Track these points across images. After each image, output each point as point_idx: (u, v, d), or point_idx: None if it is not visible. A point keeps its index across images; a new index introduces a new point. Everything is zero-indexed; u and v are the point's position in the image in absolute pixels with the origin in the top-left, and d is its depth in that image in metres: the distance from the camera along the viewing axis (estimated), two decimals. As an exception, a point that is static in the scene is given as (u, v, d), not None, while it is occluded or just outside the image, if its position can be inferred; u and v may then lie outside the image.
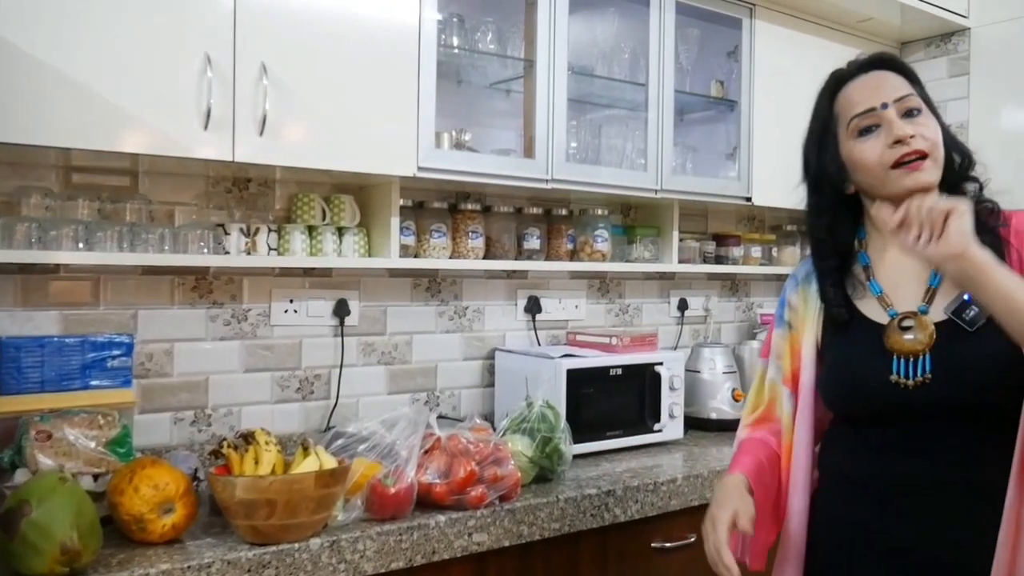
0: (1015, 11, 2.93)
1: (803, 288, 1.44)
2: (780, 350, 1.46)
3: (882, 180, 1.28)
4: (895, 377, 1.25)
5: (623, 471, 2.12)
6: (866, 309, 1.34)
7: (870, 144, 1.28)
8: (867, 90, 1.31)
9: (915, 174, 1.25)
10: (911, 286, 1.31)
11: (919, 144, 1.24)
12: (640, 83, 2.46)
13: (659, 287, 2.93)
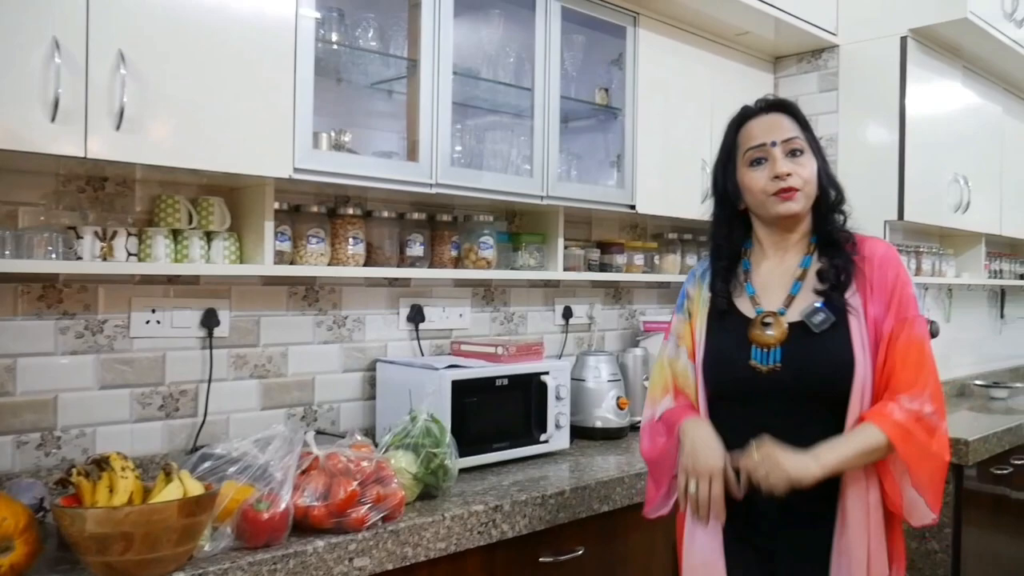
0: (879, 31, 3.07)
1: (699, 283, 1.72)
2: (680, 332, 1.72)
3: (763, 204, 1.58)
4: (753, 362, 1.56)
5: (510, 484, 2.06)
6: (741, 305, 1.64)
7: (758, 174, 1.58)
8: (763, 128, 1.59)
9: (787, 203, 1.56)
10: (777, 291, 1.62)
11: (793, 181, 1.54)
12: (526, 88, 2.41)
13: (544, 295, 2.90)
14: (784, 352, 1.54)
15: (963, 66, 3.38)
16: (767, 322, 1.57)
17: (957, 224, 3.40)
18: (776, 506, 1.50)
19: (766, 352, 1.55)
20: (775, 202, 1.56)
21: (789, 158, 1.56)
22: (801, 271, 1.61)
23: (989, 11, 3.06)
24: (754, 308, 1.61)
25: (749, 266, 1.66)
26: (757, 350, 1.56)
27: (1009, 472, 3.17)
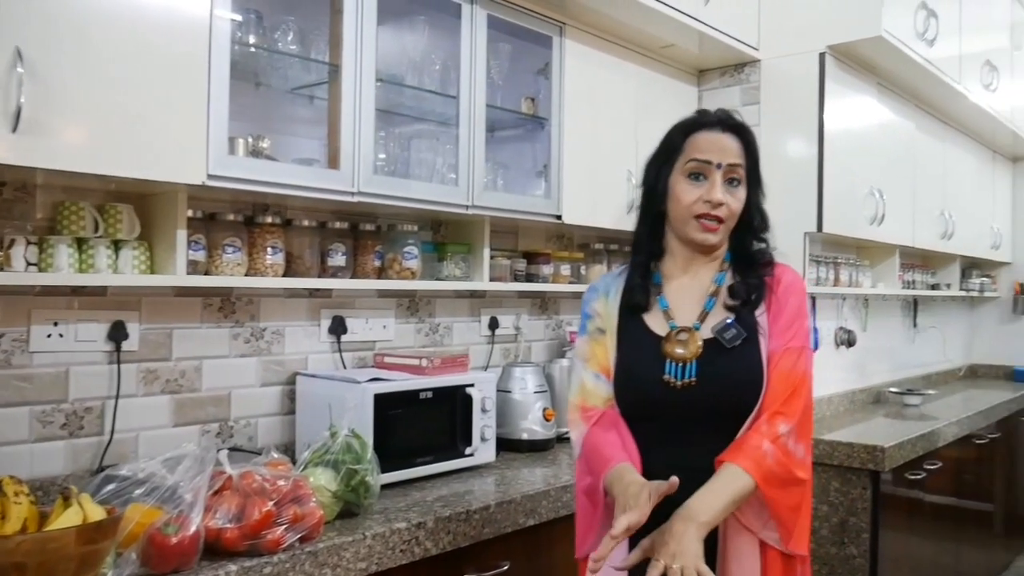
0: (798, 47, 3.14)
1: (604, 299, 1.65)
2: (590, 352, 1.64)
3: (684, 221, 1.55)
4: (667, 377, 1.52)
5: (434, 500, 2.02)
6: (652, 321, 1.59)
7: (692, 188, 1.53)
8: (713, 145, 1.54)
9: (706, 234, 1.54)
10: (691, 307, 1.59)
11: (721, 212, 1.51)
12: (451, 96, 2.38)
13: (470, 305, 2.86)
14: (699, 367, 1.51)
15: (878, 83, 3.48)
16: (682, 338, 1.54)
17: (873, 236, 3.50)
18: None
19: (681, 367, 1.52)
20: (696, 227, 1.53)
21: (726, 185, 1.52)
22: (715, 287, 1.59)
23: (903, 30, 3.16)
24: (667, 323, 1.57)
25: (660, 280, 1.61)
26: (672, 365, 1.53)
27: (923, 477, 3.27)
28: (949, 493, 3.68)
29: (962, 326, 5.54)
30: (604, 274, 1.71)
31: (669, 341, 1.54)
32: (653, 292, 1.60)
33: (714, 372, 1.50)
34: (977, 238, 4.87)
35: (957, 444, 3.65)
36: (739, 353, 1.51)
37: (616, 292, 1.64)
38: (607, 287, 1.66)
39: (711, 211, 1.51)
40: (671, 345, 1.54)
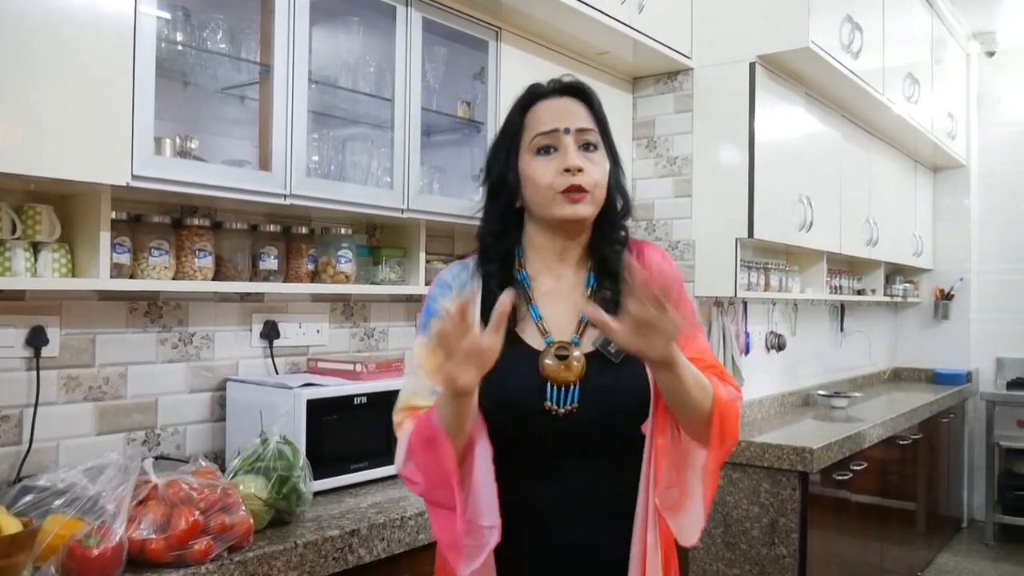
0: (729, 56, 3.20)
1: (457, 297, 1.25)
2: (426, 360, 1.31)
3: (547, 203, 1.33)
4: (548, 404, 1.29)
5: (369, 507, 1.99)
6: (525, 332, 1.35)
7: (545, 164, 1.33)
8: (556, 112, 1.36)
9: (574, 206, 1.32)
10: (567, 317, 1.36)
11: (583, 180, 1.31)
12: (386, 98, 2.36)
13: (406, 309, 2.84)
14: (581, 390, 1.29)
15: (806, 93, 3.58)
16: (561, 354, 1.30)
17: (802, 242, 3.59)
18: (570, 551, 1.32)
19: (563, 390, 1.29)
20: (562, 202, 1.31)
21: (582, 151, 1.33)
22: (590, 291, 1.37)
23: (829, 42, 3.25)
24: (543, 337, 1.33)
25: (529, 282, 1.38)
26: (552, 389, 1.29)
27: (849, 477, 3.35)
28: (874, 493, 3.79)
29: (886, 330, 5.72)
30: (449, 267, 1.46)
31: (547, 358, 1.30)
32: (522, 300, 1.35)
33: (598, 394, 1.29)
34: (900, 245, 5.03)
35: (882, 445, 3.77)
36: (624, 367, 1.30)
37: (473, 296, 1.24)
38: (459, 285, 1.39)
39: (572, 180, 1.30)
40: (551, 364, 1.30)
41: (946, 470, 5.12)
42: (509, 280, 1.35)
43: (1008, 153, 5.62)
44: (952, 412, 5.14)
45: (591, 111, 1.39)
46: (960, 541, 5.28)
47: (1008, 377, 5.49)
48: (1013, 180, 5.60)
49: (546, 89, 1.41)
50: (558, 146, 1.33)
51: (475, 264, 1.41)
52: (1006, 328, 5.60)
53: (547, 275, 1.39)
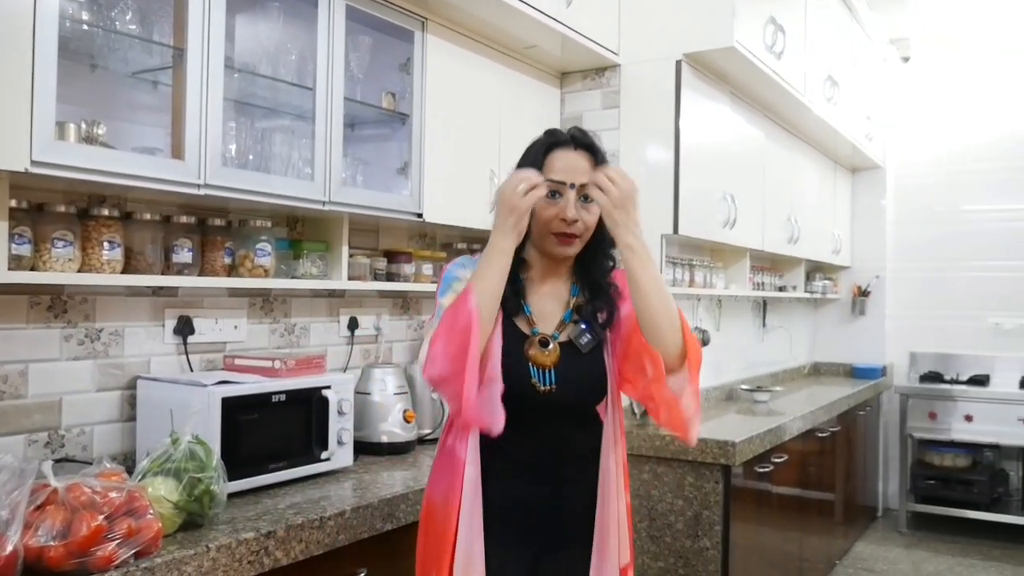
0: (656, 54, 3.22)
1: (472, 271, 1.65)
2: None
3: (543, 236, 1.68)
4: (534, 381, 1.66)
5: (287, 507, 1.93)
6: (518, 320, 1.71)
7: (550, 207, 1.64)
8: (568, 165, 1.65)
9: (563, 247, 1.67)
10: (551, 316, 1.73)
11: (576, 228, 1.65)
12: (308, 87, 2.29)
13: (328, 305, 2.77)
14: (558, 373, 1.66)
15: (731, 92, 3.63)
16: (543, 342, 1.68)
17: (726, 239, 3.64)
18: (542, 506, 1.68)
19: (543, 372, 1.66)
20: (554, 242, 1.67)
21: (580, 201, 1.64)
22: (572, 299, 1.75)
23: (753, 42, 3.30)
24: (530, 328, 1.70)
25: (522, 284, 1.73)
26: (535, 369, 1.66)
27: (770, 470, 3.42)
28: (794, 484, 3.88)
29: (806, 326, 5.87)
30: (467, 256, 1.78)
31: (532, 346, 1.67)
32: (519, 297, 1.71)
33: (570, 376, 1.67)
34: (820, 243, 5.16)
35: (802, 438, 3.85)
36: (592, 358, 1.70)
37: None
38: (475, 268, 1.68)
39: (566, 228, 1.64)
40: (534, 350, 1.67)
41: (862, 461, 5.28)
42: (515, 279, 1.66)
43: (921, 155, 5.82)
44: (868, 405, 5.30)
45: (596, 164, 1.67)
46: (876, 530, 5.45)
47: (921, 371, 5.69)
48: (926, 182, 5.80)
49: (565, 138, 1.69)
50: (563, 193, 1.63)
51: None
52: (918, 324, 5.80)
53: (540, 282, 1.75)
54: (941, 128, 5.76)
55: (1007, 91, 5.55)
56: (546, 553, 1.69)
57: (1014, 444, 5.19)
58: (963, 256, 5.67)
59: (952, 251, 5.71)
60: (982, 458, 5.35)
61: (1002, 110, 5.57)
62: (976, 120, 5.65)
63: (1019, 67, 5.52)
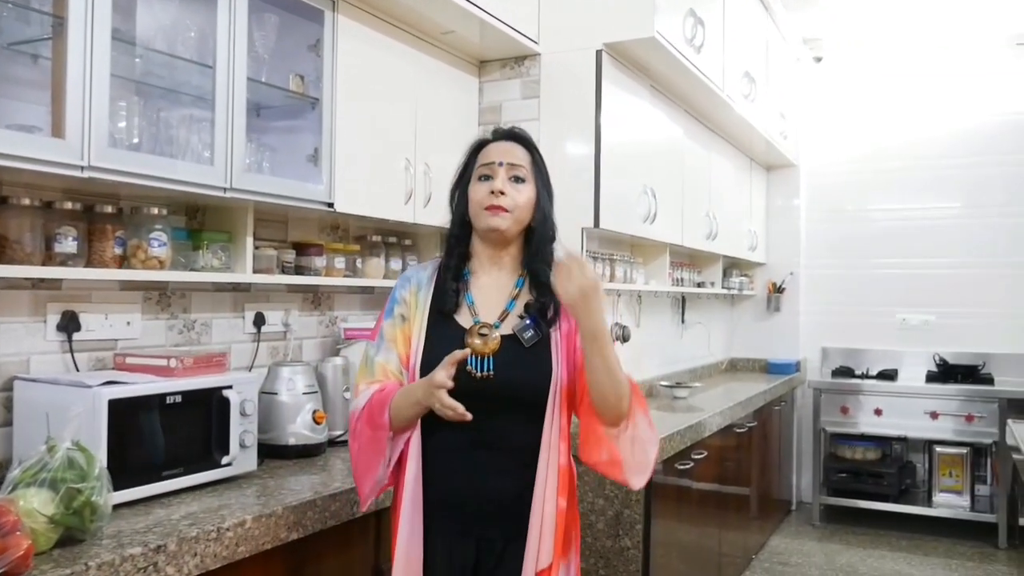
0: (576, 43, 3.15)
1: (416, 289, 1.81)
2: (392, 337, 1.78)
3: (477, 215, 1.75)
4: (469, 368, 1.67)
5: (181, 518, 1.78)
6: (459, 315, 1.76)
7: (481, 187, 1.74)
8: (497, 151, 1.77)
9: (493, 218, 1.72)
10: (494, 305, 1.77)
11: (504, 201, 1.71)
12: (208, 66, 2.13)
13: (232, 300, 2.61)
14: (496, 362, 1.69)
15: (651, 85, 3.59)
16: (483, 332, 1.71)
17: (646, 234, 3.60)
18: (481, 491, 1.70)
19: (480, 360, 1.69)
20: (485, 215, 1.72)
21: (511, 182, 1.73)
22: (516, 290, 1.78)
23: (674, 34, 3.27)
24: (472, 317, 1.75)
25: (469, 276, 1.80)
26: (473, 357, 1.68)
27: (691, 467, 3.40)
28: (713, 480, 3.88)
29: (723, 322, 5.93)
30: (414, 266, 1.90)
31: (471, 335, 1.71)
32: (461, 289, 1.77)
33: (509, 367, 1.69)
34: (737, 240, 5.21)
35: (720, 434, 3.85)
36: (533, 352, 1.72)
37: (427, 287, 1.79)
38: (419, 280, 1.82)
39: (495, 201, 1.71)
40: (474, 339, 1.70)
41: (777, 456, 5.36)
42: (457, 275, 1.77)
43: (832, 155, 5.95)
44: (783, 400, 5.37)
45: (528, 152, 1.78)
46: (790, 523, 5.53)
47: (832, 366, 5.82)
48: (836, 180, 5.93)
49: (498, 134, 1.82)
50: (492, 175, 1.73)
51: (434, 266, 1.84)
52: (830, 320, 5.92)
53: (484, 274, 1.80)
54: (850, 128, 5.89)
55: (913, 94, 5.72)
56: (485, 543, 1.72)
57: (920, 437, 5.34)
58: (871, 254, 5.82)
59: (861, 249, 5.85)
60: (891, 451, 5.49)
61: (908, 112, 5.73)
62: (883, 121, 5.80)
63: (925, 70, 5.69)
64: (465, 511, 1.71)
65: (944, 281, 5.62)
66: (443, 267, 1.81)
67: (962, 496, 5.25)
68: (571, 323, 1.73)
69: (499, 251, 1.78)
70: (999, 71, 5.50)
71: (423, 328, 1.75)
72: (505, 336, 1.71)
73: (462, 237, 1.81)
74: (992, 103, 5.53)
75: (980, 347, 5.49)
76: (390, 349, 1.77)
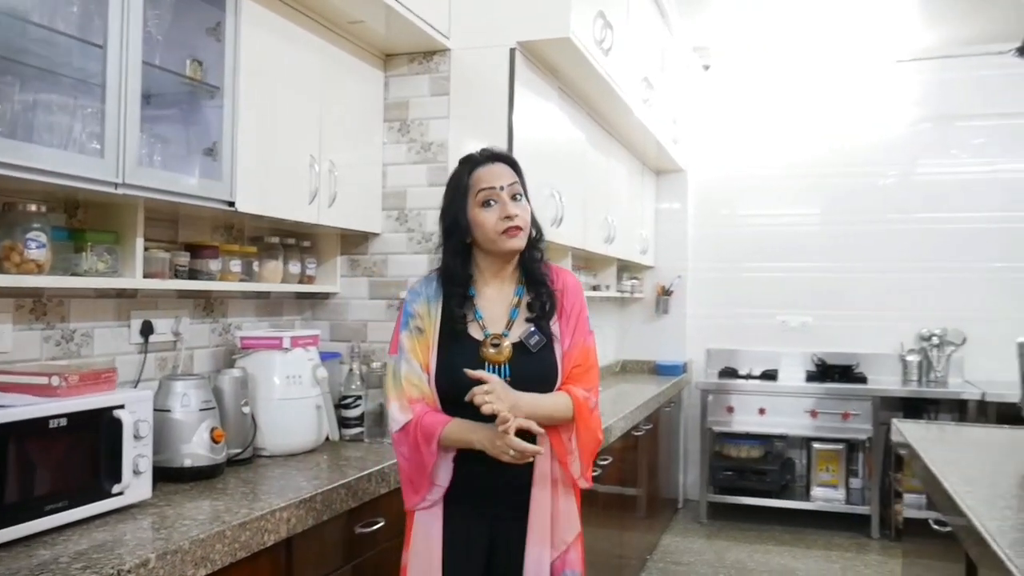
0: (489, 40, 3.04)
1: (426, 303, 1.97)
2: (411, 348, 1.95)
3: (493, 240, 1.91)
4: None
5: (71, 560, 1.55)
6: (470, 328, 1.94)
7: (489, 213, 1.90)
8: (493, 175, 1.93)
9: (513, 240, 1.90)
10: (499, 316, 1.96)
11: (519, 221, 1.90)
12: (96, 44, 1.90)
13: (116, 307, 2.36)
14: (511, 367, 1.89)
15: (559, 87, 3.53)
16: (495, 343, 1.90)
17: (553, 237, 3.49)
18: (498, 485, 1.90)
19: (497, 368, 1.88)
20: (504, 239, 1.89)
21: (513, 201, 1.91)
22: (517, 299, 1.97)
23: (585, 35, 3.21)
24: (482, 331, 1.92)
25: (475, 293, 1.96)
26: (488, 366, 1.88)
27: (599, 473, 3.35)
28: (615, 483, 3.86)
29: (615, 325, 5.97)
30: (421, 280, 2.04)
31: (486, 346, 1.90)
32: (468, 306, 1.94)
33: (522, 372, 1.88)
34: (630, 243, 5.24)
35: (623, 438, 3.84)
36: (540, 356, 1.92)
37: (436, 300, 1.96)
38: (428, 294, 1.98)
39: (511, 224, 1.88)
40: (488, 350, 1.89)
41: (667, 456, 5.43)
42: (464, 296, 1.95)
43: (717, 161, 6.10)
44: (672, 402, 5.45)
45: (514, 171, 1.97)
46: (678, 522, 5.63)
47: (717, 367, 5.96)
48: (721, 186, 6.09)
49: (484, 157, 1.97)
50: (497, 199, 1.90)
51: (438, 279, 1.98)
52: (715, 322, 6.07)
53: (487, 288, 1.99)
54: (735, 136, 6.07)
55: (795, 105, 5.95)
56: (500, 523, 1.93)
57: (799, 434, 5.54)
58: (753, 258, 6.01)
59: (744, 253, 6.03)
60: (773, 448, 5.68)
61: (789, 123, 5.96)
62: (765, 130, 6.00)
63: (807, 84, 5.92)
64: (482, 496, 1.92)
65: (819, 284, 5.87)
66: (447, 295, 1.94)
67: (838, 490, 5.49)
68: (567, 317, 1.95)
69: (505, 264, 1.97)
70: (878, 88, 5.79)
71: (436, 340, 1.93)
72: (514, 343, 1.91)
73: (465, 261, 1.96)
74: (869, 118, 5.80)
75: (854, 348, 5.76)
76: (411, 360, 1.93)
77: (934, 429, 3.28)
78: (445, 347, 1.93)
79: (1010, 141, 5.55)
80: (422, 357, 1.94)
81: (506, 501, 1.93)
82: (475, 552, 1.93)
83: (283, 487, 2.15)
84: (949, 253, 5.63)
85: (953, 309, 5.57)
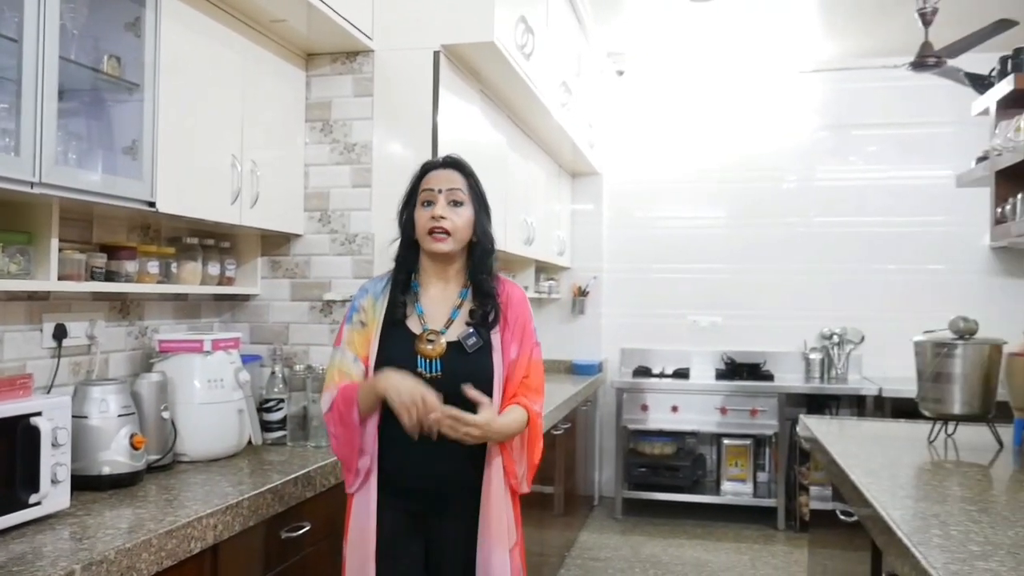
0: (413, 42, 3.05)
1: (373, 299, 2.07)
2: (351, 340, 2.04)
3: (422, 238, 2.01)
4: (419, 370, 1.94)
5: (-12, 574, 1.50)
6: (410, 322, 2.02)
7: (424, 213, 2.00)
8: (438, 178, 2.03)
9: (436, 243, 1.98)
10: (440, 314, 2.03)
11: (444, 224, 1.97)
12: (11, 38, 1.82)
13: (27, 310, 2.27)
14: (443, 364, 1.95)
15: (481, 91, 3.56)
16: (431, 339, 1.97)
17: (474, 239, 3.55)
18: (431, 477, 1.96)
19: (429, 362, 1.95)
20: (428, 240, 1.98)
21: (450, 206, 1.98)
22: (460, 301, 2.04)
23: (508, 40, 3.24)
24: (421, 325, 2.00)
25: (418, 288, 2.05)
26: (422, 360, 1.95)
27: (520, 472, 3.39)
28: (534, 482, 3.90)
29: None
30: (372, 279, 2.16)
31: (421, 341, 1.97)
32: (411, 300, 2.03)
33: (454, 369, 1.94)
34: (548, 245, 5.31)
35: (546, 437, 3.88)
36: (475, 357, 1.97)
37: (383, 297, 2.05)
38: (375, 292, 2.07)
39: (436, 224, 1.96)
40: (422, 344, 1.96)
41: (583, 453, 5.53)
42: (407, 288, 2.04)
43: (629, 165, 6.25)
44: (589, 401, 5.55)
45: (465, 177, 2.05)
46: (594, 518, 5.74)
47: (631, 366, 6.10)
48: (633, 189, 6.24)
49: (438, 162, 2.09)
50: (434, 201, 1.98)
51: (389, 278, 2.08)
52: (628, 322, 6.21)
53: (431, 286, 2.07)
54: (647, 140, 6.23)
55: (704, 111, 6.14)
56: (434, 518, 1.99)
57: (709, 431, 5.73)
58: (664, 259, 6.18)
59: (655, 254, 6.20)
60: (685, 445, 5.85)
61: (698, 129, 6.15)
62: (675, 135, 6.18)
63: (716, 91, 6.12)
64: (415, 491, 1.97)
65: (728, 285, 6.08)
66: (394, 282, 2.04)
67: (746, 484, 5.69)
68: (511, 329, 2.01)
69: (445, 266, 2.04)
70: (781, 97, 6.03)
71: (378, 333, 2.01)
72: (451, 342, 1.97)
73: (410, 255, 2.05)
74: (773, 125, 6.04)
75: (761, 346, 5.99)
76: (346, 351, 2.03)
77: (836, 424, 3.45)
78: (385, 339, 2.00)
79: (902, 150, 5.87)
80: (360, 349, 2.02)
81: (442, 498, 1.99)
82: (412, 546, 2.00)
83: (207, 493, 2.11)
84: (847, 256, 5.92)
85: (852, 309, 5.86)
